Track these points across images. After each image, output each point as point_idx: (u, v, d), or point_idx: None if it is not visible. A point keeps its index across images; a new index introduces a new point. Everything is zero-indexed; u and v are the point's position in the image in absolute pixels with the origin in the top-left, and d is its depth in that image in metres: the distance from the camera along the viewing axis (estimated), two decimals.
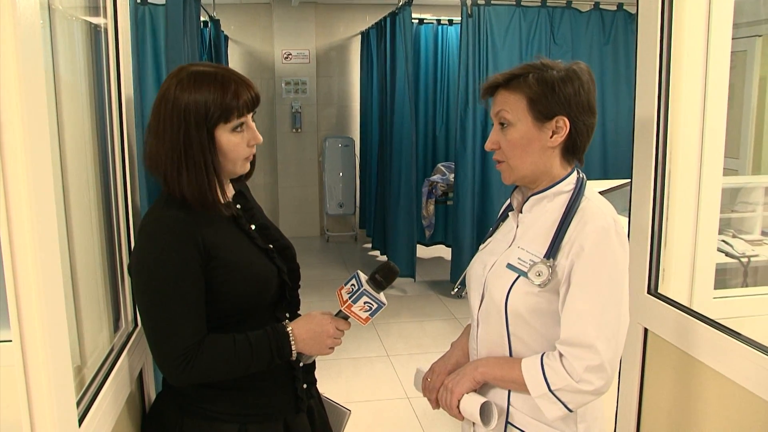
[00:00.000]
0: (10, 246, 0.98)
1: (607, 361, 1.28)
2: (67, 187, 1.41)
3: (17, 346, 1.00)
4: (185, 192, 1.39)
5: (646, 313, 1.80)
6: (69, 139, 1.45)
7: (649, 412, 1.85)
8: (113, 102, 1.65)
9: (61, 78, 1.44)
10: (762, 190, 3.12)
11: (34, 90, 1.01)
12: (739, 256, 2.83)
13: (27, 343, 1.01)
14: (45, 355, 1.01)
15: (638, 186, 1.82)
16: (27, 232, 0.99)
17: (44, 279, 1.02)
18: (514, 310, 1.37)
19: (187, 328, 1.36)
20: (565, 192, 1.40)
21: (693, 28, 1.71)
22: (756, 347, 1.47)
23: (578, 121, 1.36)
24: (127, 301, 1.71)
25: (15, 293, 1.00)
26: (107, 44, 1.65)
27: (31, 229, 0.99)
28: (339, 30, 7.41)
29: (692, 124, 1.74)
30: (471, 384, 1.43)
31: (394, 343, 4.52)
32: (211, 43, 5.63)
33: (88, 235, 1.56)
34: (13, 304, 1.00)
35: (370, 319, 1.48)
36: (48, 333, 1.03)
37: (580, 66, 1.39)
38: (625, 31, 5.19)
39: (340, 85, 7.57)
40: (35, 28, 1.01)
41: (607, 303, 1.30)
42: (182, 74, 1.41)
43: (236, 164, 1.46)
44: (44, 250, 1.02)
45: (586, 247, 1.31)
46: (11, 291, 1.00)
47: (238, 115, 1.41)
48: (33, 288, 1.00)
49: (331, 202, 7.40)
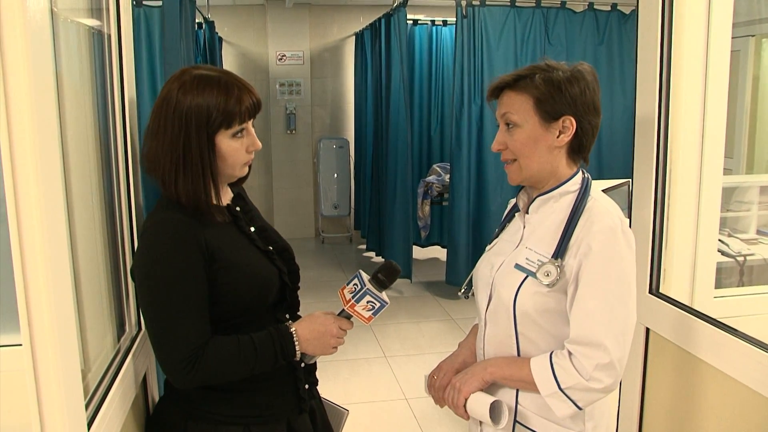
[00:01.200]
0: (20, 250, 0.98)
1: (617, 359, 1.30)
2: (70, 190, 1.41)
3: (27, 350, 1.00)
4: (180, 195, 1.39)
5: (647, 312, 1.81)
6: (72, 142, 1.45)
7: (651, 410, 1.87)
8: (116, 104, 1.65)
9: (64, 82, 1.43)
10: (757, 189, 3.14)
11: (44, 95, 1.01)
12: (735, 255, 2.85)
13: (37, 347, 1.01)
14: (55, 358, 1.01)
15: (639, 186, 1.83)
16: (37, 236, 0.99)
17: (54, 282, 1.02)
18: (523, 310, 1.38)
19: (192, 330, 1.36)
20: (571, 192, 1.42)
21: (693, 27, 1.73)
22: (757, 345, 1.48)
23: (584, 120, 1.38)
24: (131, 304, 1.71)
25: (25, 297, 1.00)
26: (110, 47, 1.65)
27: (41, 232, 0.99)
28: (333, 31, 7.41)
29: (693, 123, 1.75)
30: (479, 384, 1.43)
31: (391, 344, 4.53)
32: (206, 45, 5.62)
33: (92, 237, 1.55)
34: (23, 308, 1.00)
35: (373, 318, 1.49)
36: (58, 337, 1.03)
37: (584, 67, 1.41)
38: (619, 31, 5.21)
39: (335, 86, 7.57)
40: (45, 32, 1.01)
41: (615, 302, 1.31)
42: (185, 77, 1.40)
43: (235, 169, 1.47)
44: (54, 253, 1.02)
45: (593, 247, 1.32)
46: (21, 295, 1.00)
47: (240, 122, 1.41)
48: (43, 292, 1.00)
49: (326, 204, 7.40)
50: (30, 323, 1.01)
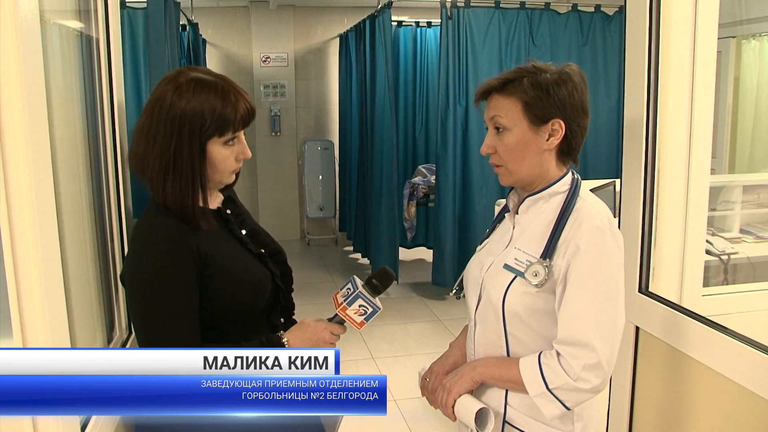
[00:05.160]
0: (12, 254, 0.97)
1: (605, 359, 1.30)
2: (59, 194, 1.39)
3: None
4: (168, 200, 1.37)
5: (637, 311, 1.82)
6: (60, 146, 1.43)
7: (641, 409, 1.88)
8: (105, 108, 1.63)
9: (51, 85, 1.42)
10: (740, 189, 3.18)
11: (35, 99, 1.00)
12: (719, 253, 2.88)
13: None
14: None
15: (628, 186, 1.84)
16: (29, 239, 0.98)
17: (46, 287, 1.02)
18: (512, 310, 1.39)
19: (181, 337, 1.34)
20: (560, 193, 1.42)
21: (680, 29, 1.74)
22: (746, 342, 1.50)
23: (573, 122, 1.38)
24: (121, 309, 1.69)
25: (17, 301, 0.99)
26: (98, 50, 1.63)
27: (33, 236, 0.99)
28: (317, 33, 7.39)
29: (680, 124, 1.77)
30: (469, 384, 1.43)
31: (379, 345, 4.52)
32: (190, 47, 5.59)
33: (81, 241, 1.54)
34: (16, 313, 0.99)
35: (365, 323, 1.48)
36: (51, 342, 1.02)
37: (571, 68, 1.40)
38: (602, 32, 5.25)
39: (319, 88, 7.56)
40: (35, 36, 1.00)
41: (603, 302, 1.32)
42: (181, 79, 1.37)
43: (223, 176, 1.45)
44: (45, 258, 1.01)
45: (581, 247, 1.32)
46: (14, 299, 0.99)
47: (234, 130, 1.39)
48: (35, 296, 1.00)
49: (311, 206, 7.38)
50: (23, 327, 1.00)
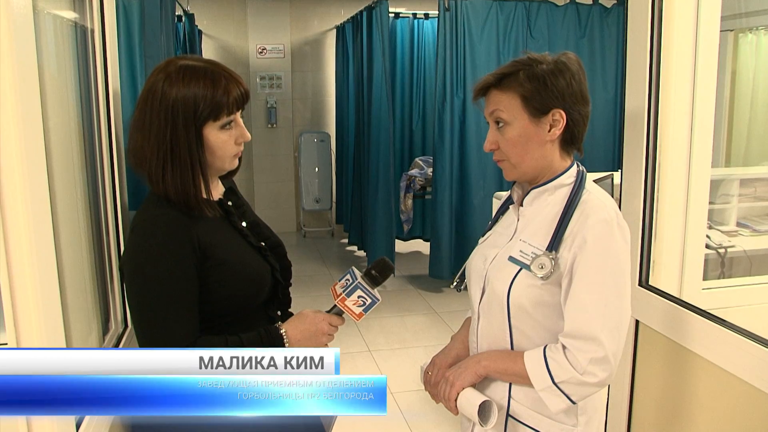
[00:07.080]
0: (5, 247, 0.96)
1: (611, 353, 1.29)
2: (53, 186, 1.37)
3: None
4: (169, 190, 1.35)
5: (637, 304, 1.81)
6: (54, 137, 1.41)
7: (641, 402, 1.88)
8: (100, 99, 1.61)
9: (45, 76, 1.39)
10: (737, 182, 3.18)
11: (28, 90, 0.98)
12: (717, 247, 2.88)
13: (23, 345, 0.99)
14: None
15: (629, 179, 1.83)
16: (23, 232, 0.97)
17: (40, 281, 1.00)
18: (517, 302, 1.37)
19: (180, 329, 1.34)
20: (566, 185, 1.41)
21: (682, 20, 1.73)
22: (745, 335, 1.49)
23: (573, 111, 1.36)
24: (117, 302, 1.68)
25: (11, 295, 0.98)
26: (93, 41, 1.61)
27: (27, 229, 0.97)
28: (314, 24, 7.35)
29: (681, 117, 1.76)
30: (473, 377, 1.42)
31: (375, 337, 4.52)
32: (186, 38, 5.55)
33: (76, 234, 1.52)
34: (9, 308, 0.98)
35: (363, 314, 1.47)
36: (45, 336, 1.01)
37: (568, 56, 1.38)
38: (600, 25, 5.24)
39: (315, 79, 7.53)
40: (28, 26, 0.99)
41: (610, 295, 1.31)
42: (170, 68, 1.36)
43: (224, 161, 1.43)
44: (40, 251, 1.00)
45: (588, 240, 1.31)
46: (6, 293, 0.98)
47: (228, 113, 1.38)
48: (29, 290, 0.98)
49: (308, 198, 7.37)
50: (16, 323, 0.98)
